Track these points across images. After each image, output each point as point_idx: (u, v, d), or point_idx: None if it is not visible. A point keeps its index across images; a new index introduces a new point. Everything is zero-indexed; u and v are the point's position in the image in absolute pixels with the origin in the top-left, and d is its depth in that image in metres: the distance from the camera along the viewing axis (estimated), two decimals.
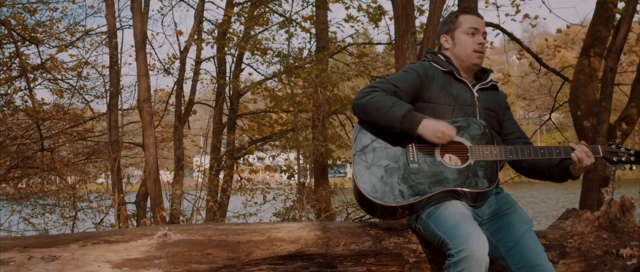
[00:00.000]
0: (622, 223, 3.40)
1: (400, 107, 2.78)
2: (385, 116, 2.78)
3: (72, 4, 12.34)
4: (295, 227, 2.88)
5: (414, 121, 2.77)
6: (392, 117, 2.77)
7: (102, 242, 2.70)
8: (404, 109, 2.77)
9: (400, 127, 2.78)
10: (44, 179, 12.42)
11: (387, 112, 2.78)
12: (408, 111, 2.77)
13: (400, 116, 2.76)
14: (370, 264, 2.81)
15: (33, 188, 12.33)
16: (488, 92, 3.13)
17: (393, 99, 2.82)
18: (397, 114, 2.76)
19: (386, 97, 2.82)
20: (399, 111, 2.77)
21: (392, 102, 2.79)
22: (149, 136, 10.00)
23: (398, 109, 2.77)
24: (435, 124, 2.77)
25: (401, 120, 2.76)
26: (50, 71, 11.83)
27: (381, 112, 2.79)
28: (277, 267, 2.72)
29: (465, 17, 3.14)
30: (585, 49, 8.45)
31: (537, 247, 2.78)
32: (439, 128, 2.76)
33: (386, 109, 2.78)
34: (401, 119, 2.76)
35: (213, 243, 2.73)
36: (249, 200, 10.52)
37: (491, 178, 2.81)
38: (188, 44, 11.73)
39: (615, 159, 2.96)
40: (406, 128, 2.78)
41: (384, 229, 2.94)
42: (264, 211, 10.90)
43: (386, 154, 2.85)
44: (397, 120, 2.77)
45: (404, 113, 2.76)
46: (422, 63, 3.07)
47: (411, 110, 2.79)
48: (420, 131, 2.77)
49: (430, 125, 2.77)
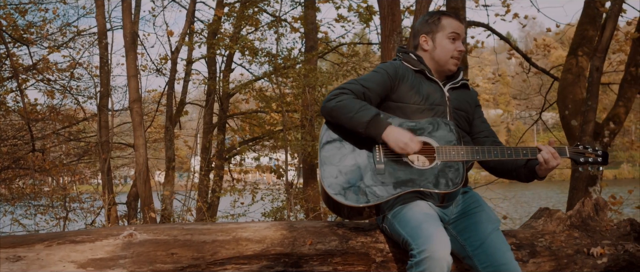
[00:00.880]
0: (595, 222, 3.40)
1: (366, 112, 2.78)
2: (351, 121, 2.79)
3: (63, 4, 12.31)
4: (261, 227, 2.88)
5: (379, 127, 2.77)
6: (358, 122, 2.77)
7: (68, 242, 2.70)
8: (369, 114, 2.77)
9: (365, 133, 2.78)
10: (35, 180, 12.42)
11: (353, 116, 2.78)
12: (373, 117, 2.77)
13: (366, 122, 2.76)
14: (336, 264, 2.81)
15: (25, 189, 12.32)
16: (459, 91, 3.13)
17: (360, 103, 2.82)
18: (362, 119, 2.77)
19: (353, 101, 2.81)
20: (364, 116, 2.77)
21: (358, 106, 2.79)
22: (139, 137, 10.02)
23: (364, 113, 2.77)
24: (399, 134, 2.77)
25: (366, 125, 2.77)
26: (41, 72, 11.82)
27: (347, 117, 2.79)
28: (242, 267, 2.72)
29: (448, 21, 3.10)
30: (573, 48, 8.46)
31: (503, 246, 2.78)
32: (402, 139, 2.75)
33: (352, 114, 2.78)
34: (366, 124, 2.76)
35: (178, 243, 2.73)
36: (236, 200, 10.52)
37: (457, 178, 2.81)
38: (179, 44, 11.73)
39: (582, 160, 2.96)
40: (371, 134, 2.78)
41: (352, 228, 2.94)
42: (254, 211, 10.89)
43: (353, 155, 2.85)
44: (362, 126, 2.77)
45: (369, 119, 2.76)
46: (393, 63, 3.07)
47: (377, 116, 2.78)
48: (384, 138, 2.77)
49: (395, 134, 2.77)
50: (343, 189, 2.77)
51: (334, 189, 2.77)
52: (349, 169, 2.81)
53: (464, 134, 3.07)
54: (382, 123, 2.77)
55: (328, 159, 2.84)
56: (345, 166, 2.82)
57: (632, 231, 3.36)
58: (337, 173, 2.81)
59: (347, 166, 2.82)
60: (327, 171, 2.81)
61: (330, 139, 2.89)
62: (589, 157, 2.96)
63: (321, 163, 2.84)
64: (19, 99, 12.31)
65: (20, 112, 11.79)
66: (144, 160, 10.01)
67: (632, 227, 3.38)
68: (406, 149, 2.74)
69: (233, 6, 10.95)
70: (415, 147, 2.74)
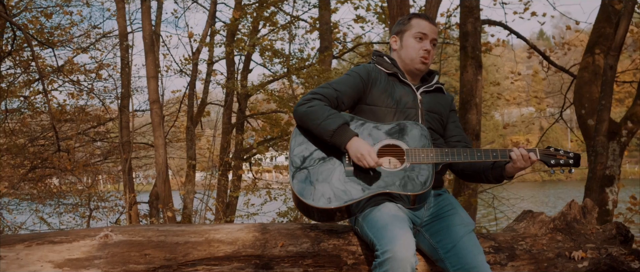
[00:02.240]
0: (580, 225, 3.36)
1: (333, 121, 2.81)
2: (319, 128, 2.83)
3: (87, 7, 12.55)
4: (234, 228, 2.93)
5: (343, 137, 2.80)
6: (325, 129, 2.81)
7: (47, 243, 2.78)
8: (336, 123, 2.81)
9: (331, 141, 2.83)
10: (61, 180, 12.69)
11: (321, 124, 2.82)
12: (339, 126, 2.80)
13: (331, 131, 2.80)
14: (307, 266, 2.84)
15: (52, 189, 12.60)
16: (433, 94, 3.15)
17: (329, 110, 2.85)
18: (329, 127, 2.80)
19: (323, 108, 2.85)
20: (331, 125, 2.80)
21: (327, 114, 2.83)
22: (159, 137, 10.15)
23: (331, 122, 2.81)
24: (359, 145, 2.78)
25: (332, 134, 2.81)
26: (67, 75, 12.08)
27: (315, 123, 2.83)
28: (213, 268, 2.77)
29: (417, 21, 3.15)
30: (589, 46, 8.32)
31: (474, 249, 2.78)
32: (360, 151, 2.77)
33: (320, 121, 2.82)
34: (332, 133, 2.80)
35: (152, 244, 2.80)
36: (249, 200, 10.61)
37: (426, 180, 2.82)
38: (200, 45, 11.87)
39: (553, 162, 2.95)
40: (335, 143, 2.82)
41: (325, 231, 2.97)
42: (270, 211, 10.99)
43: (323, 158, 2.89)
44: (328, 134, 2.81)
45: (335, 128, 2.80)
46: (366, 66, 3.10)
47: (344, 126, 2.82)
48: (346, 148, 2.81)
49: (355, 145, 2.79)
50: (312, 191, 2.80)
51: (303, 191, 2.81)
52: (319, 172, 2.85)
53: (437, 136, 3.09)
54: (348, 133, 2.81)
55: (298, 162, 2.88)
56: (314, 169, 2.85)
57: (618, 234, 3.33)
58: (307, 176, 2.84)
59: (316, 168, 2.86)
60: (296, 173, 2.85)
61: (300, 142, 2.93)
62: (560, 159, 2.95)
63: (291, 166, 2.87)
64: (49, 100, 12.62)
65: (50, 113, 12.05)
66: (163, 160, 10.15)
67: (618, 230, 3.34)
68: (361, 161, 2.77)
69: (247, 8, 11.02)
70: (371, 162, 2.75)
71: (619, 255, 3.22)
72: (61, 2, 12.44)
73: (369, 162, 2.74)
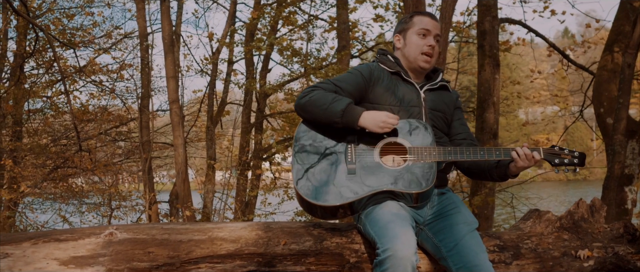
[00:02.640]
0: (588, 224, 3.34)
1: (340, 102, 2.82)
2: (326, 112, 2.83)
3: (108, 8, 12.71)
4: (238, 227, 2.96)
5: (354, 114, 2.80)
6: (333, 112, 2.81)
7: (53, 241, 2.83)
8: (343, 103, 2.81)
9: (342, 121, 2.82)
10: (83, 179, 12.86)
11: (328, 107, 2.82)
12: (348, 105, 2.81)
13: (340, 110, 2.80)
14: (310, 264, 2.86)
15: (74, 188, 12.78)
16: (437, 92, 3.14)
17: (333, 95, 2.86)
18: (337, 108, 2.80)
19: (326, 94, 2.86)
20: (339, 106, 2.81)
21: (331, 98, 2.84)
22: (178, 136, 10.25)
23: (338, 104, 2.81)
24: (375, 114, 2.80)
25: (342, 114, 2.80)
26: (88, 75, 12.24)
27: (322, 109, 2.83)
28: (215, 265, 2.80)
29: (419, 18, 3.15)
30: (608, 44, 8.23)
31: (477, 248, 2.78)
32: (380, 118, 2.79)
33: (326, 105, 2.82)
34: (341, 113, 2.80)
35: (156, 242, 2.83)
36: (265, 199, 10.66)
37: (429, 179, 2.82)
38: (220, 45, 11.95)
39: (557, 162, 2.93)
40: (347, 122, 2.81)
41: (328, 229, 2.98)
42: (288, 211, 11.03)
43: (325, 155, 2.90)
44: (337, 115, 2.81)
45: (343, 107, 2.80)
46: (369, 64, 3.11)
47: (351, 104, 2.82)
48: (361, 123, 2.81)
49: (371, 115, 2.80)
50: (315, 189, 2.82)
51: (306, 189, 2.82)
52: (322, 170, 2.86)
53: (442, 135, 3.08)
54: (357, 110, 2.81)
55: (301, 160, 2.89)
56: (317, 166, 2.87)
57: (625, 233, 3.30)
58: (310, 174, 2.85)
59: (319, 166, 2.87)
60: (299, 171, 2.87)
61: (303, 139, 2.94)
62: (564, 158, 2.93)
63: (294, 163, 2.89)
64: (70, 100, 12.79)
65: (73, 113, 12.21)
66: (182, 159, 10.25)
67: (626, 229, 3.31)
68: (387, 126, 2.79)
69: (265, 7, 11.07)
70: (394, 121, 2.77)
71: (626, 254, 3.19)
72: (83, 3, 12.62)
73: (393, 121, 2.78)
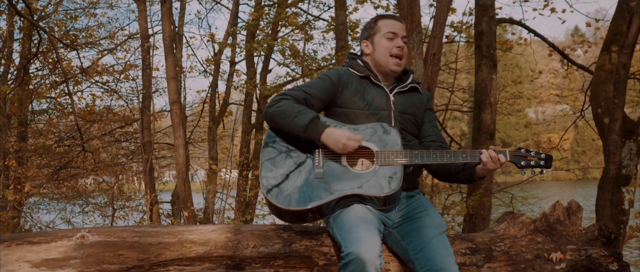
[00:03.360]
0: (563, 227, 3.34)
1: (305, 116, 2.84)
2: (290, 125, 2.86)
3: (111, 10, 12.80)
4: (208, 229, 2.99)
5: (317, 130, 2.83)
6: (297, 125, 2.84)
7: (26, 243, 2.87)
8: (307, 117, 2.83)
9: (304, 136, 2.85)
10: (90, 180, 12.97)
11: (292, 120, 2.85)
12: (311, 120, 2.83)
13: (304, 125, 2.83)
14: (278, 267, 2.88)
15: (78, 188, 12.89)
16: (407, 94, 3.16)
17: (299, 107, 2.88)
18: (301, 123, 2.83)
19: (293, 106, 2.88)
20: (303, 120, 2.83)
21: (297, 110, 2.86)
22: (178, 137, 10.30)
23: (302, 117, 2.84)
24: (338, 134, 2.82)
25: (304, 129, 2.83)
26: (91, 76, 12.34)
27: (287, 121, 2.86)
28: (184, 268, 2.83)
29: (384, 22, 3.18)
30: (606, 44, 8.18)
31: (443, 251, 2.79)
32: (341, 140, 2.81)
33: (291, 118, 2.85)
34: (304, 128, 2.83)
35: (126, 244, 2.87)
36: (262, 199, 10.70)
37: (395, 182, 2.83)
38: (221, 46, 12.00)
39: (523, 164, 2.94)
40: (309, 137, 2.85)
41: (298, 232, 3.00)
42: None
43: (293, 160, 2.92)
44: (300, 130, 2.84)
45: (307, 122, 2.82)
46: (338, 69, 3.13)
47: (316, 119, 2.85)
48: (323, 140, 2.83)
49: (334, 135, 2.82)
50: (283, 194, 2.84)
51: (274, 193, 2.85)
52: (290, 175, 2.88)
53: (411, 137, 3.10)
54: (320, 126, 2.83)
55: (269, 165, 2.92)
56: (285, 171, 2.89)
57: (600, 235, 3.29)
58: (278, 178, 2.88)
59: (287, 170, 2.89)
60: (267, 175, 2.89)
61: (271, 144, 2.97)
62: (531, 160, 2.94)
63: (261, 168, 2.92)
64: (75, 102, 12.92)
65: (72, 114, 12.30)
66: (183, 160, 10.30)
67: (601, 232, 3.30)
68: (346, 148, 2.80)
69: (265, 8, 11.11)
70: (355, 144, 2.79)
71: (599, 257, 3.19)
72: (87, 5, 12.72)
73: (353, 144, 2.79)
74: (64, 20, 12.35)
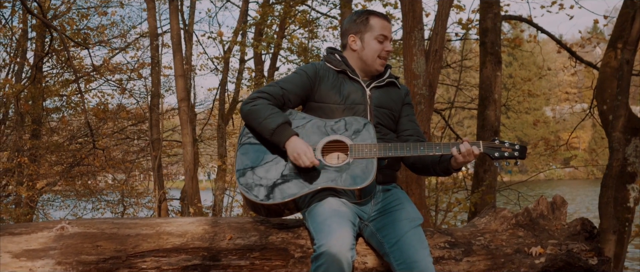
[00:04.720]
0: (546, 221, 3.33)
1: (274, 120, 2.88)
2: (260, 126, 2.91)
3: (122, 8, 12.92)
4: (185, 222, 3.02)
5: (282, 136, 2.87)
6: (265, 128, 2.89)
7: (7, 235, 2.92)
8: (276, 122, 2.87)
9: (271, 139, 2.90)
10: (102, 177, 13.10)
11: (262, 123, 2.90)
12: (279, 125, 2.87)
13: (271, 129, 2.87)
14: (254, 259, 2.91)
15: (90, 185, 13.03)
16: (384, 89, 3.16)
17: (271, 109, 2.92)
18: (269, 126, 2.88)
19: (266, 107, 2.92)
20: (271, 124, 2.87)
21: (268, 113, 2.90)
22: (186, 134, 10.38)
23: (271, 121, 2.88)
24: (296, 145, 2.84)
25: (272, 133, 2.88)
26: (101, 75, 12.46)
27: (257, 122, 2.92)
28: (160, 259, 2.86)
29: (377, 21, 3.15)
30: (612, 40, 8.08)
31: (418, 244, 2.80)
32: (296, 150, 2.82)
33: (261, 120, 2.90)
34: (272, 132, 2.88)
35: (104, 236, 2.91)
36: None
37: (368, 175, 2.84)
38: (231, 44, 12.06)
39: (497, 155, 2.94)
40: (275, 141, 2.90)
41: (275, 225, 3.02)
42: None
43: (268, 154, 2.95)
44: (268, 133, 2.89)
45: (274, 127, 2.87)
46: (314, 64, 3.14)
47: (284, 125, 2.88)
48: (285, 147, 2.87)
49: (293, 145, 2.85)
50: (258, 187, 2.87)
51: (250, 188, 2.87)
52: (265, 169, 2.91)
53: (388, 131, 3.11)
54: (286, 132, 2.87)
55: (244, 159, 2.94)
56: (259, 165, 2.92)
57: (582, 230, 3.28)
58: (252, 172, 2.91)
59: (261, 165, 2.92)
60: (243, 171, 2.92)
61: (246, 139, 3.00)
62: (505, 151, 2.94)
63: (237, 163, 2.95)
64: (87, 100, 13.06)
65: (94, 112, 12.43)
66: (191, 157, 10.38)
67: (583, 226, 3.29)
68: (297, 161, 2.82)
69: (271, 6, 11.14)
70: (306, 161, 2.80)
71: (580, 251, 3.17)
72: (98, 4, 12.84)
73: (304, 161, 2.79)
74: (74, 19, 12.48)
